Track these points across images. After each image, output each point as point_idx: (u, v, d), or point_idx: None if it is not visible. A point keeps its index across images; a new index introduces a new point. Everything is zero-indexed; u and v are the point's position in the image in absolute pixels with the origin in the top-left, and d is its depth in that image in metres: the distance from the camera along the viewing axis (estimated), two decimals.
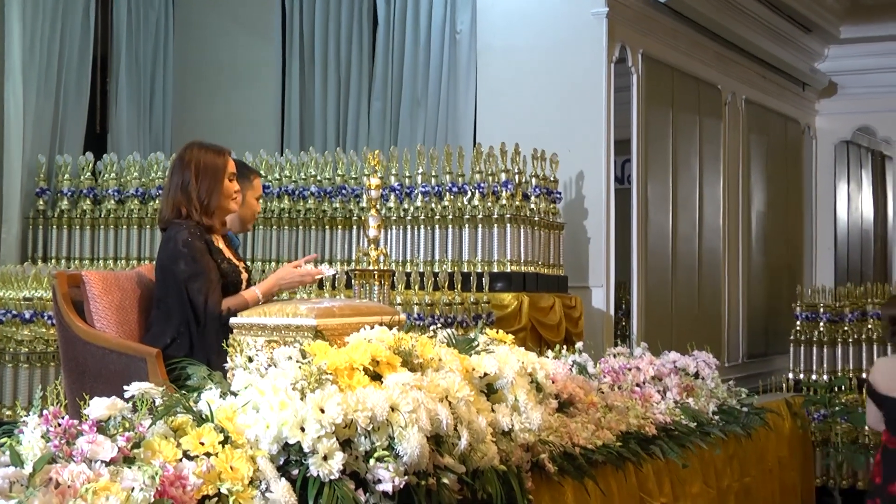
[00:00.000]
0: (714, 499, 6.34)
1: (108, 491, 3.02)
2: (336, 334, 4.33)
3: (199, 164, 5.03)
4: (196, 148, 5.12)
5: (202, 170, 5.02)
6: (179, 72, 10.60)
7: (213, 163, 5.06)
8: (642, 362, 6.63)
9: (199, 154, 5.07)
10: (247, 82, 10.64)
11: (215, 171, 5.05)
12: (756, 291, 11.56)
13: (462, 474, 3.95)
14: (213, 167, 5.05)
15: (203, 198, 4.99)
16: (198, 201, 4.98)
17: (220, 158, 5.09)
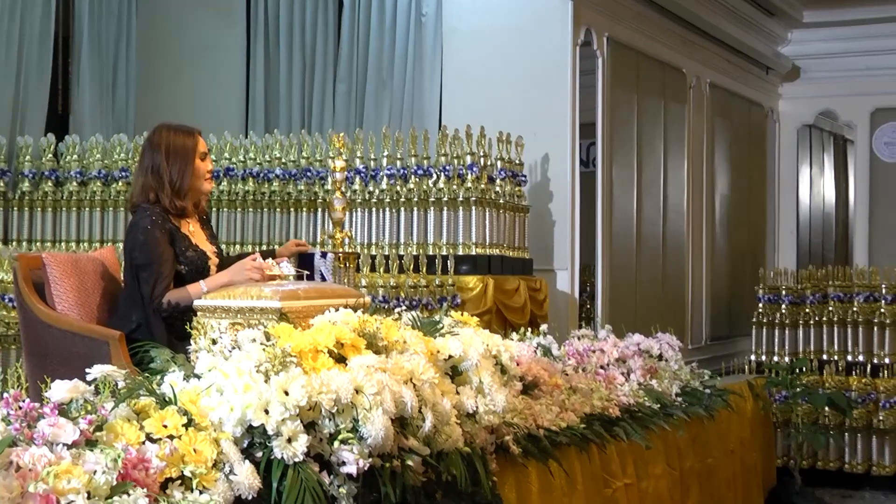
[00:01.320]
0: (677, 479, 6.37)
1: (69, 474, 3.00)
2: (300, 317, 4.32)
3: (170, 146, 5.01)
4: (165, 130, 5.09)
5: (172, 152, 4.99)
6: (143, 53, 10.52)
7: (182, 144, 5.03)
8: (606, 345, 6.66)
9: (169, 136, 5.04)
10: (211, 64, 10.57)
11: (185, 152, 5.02)
12: (719, 274, 11.61)
13: (426, 456, 3.95)
14: (184, 148, 5.02)
15: (175, 180, 4.96)
16: (169, 184, 4.96)
17: (190, 139, 5.06)
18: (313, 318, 4.21)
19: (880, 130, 12.83)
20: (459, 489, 4.15)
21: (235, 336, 3.91)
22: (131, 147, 8.64)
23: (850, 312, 9.88)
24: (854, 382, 9.63)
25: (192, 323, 4.48)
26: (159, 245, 4.86)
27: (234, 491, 3.31)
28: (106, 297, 5.16)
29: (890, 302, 9.84)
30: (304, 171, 8.40)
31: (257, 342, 3.82)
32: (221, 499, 3.24)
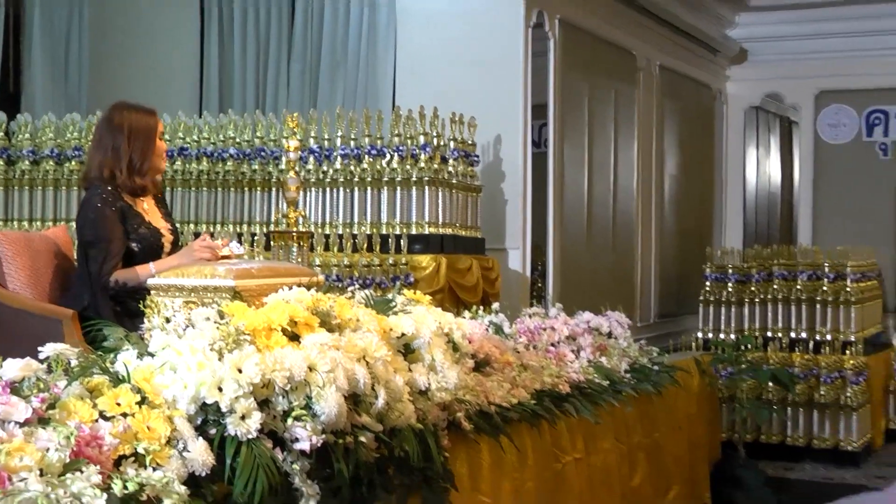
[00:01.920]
0: (625, 454, 6.41)
1: (22, 451, 2.98)
2: (254, 295, 4.31)
3: (132, 126, 4.99)
4: (126, 109, 5.06)
5: (135, 132, 4.98)
6: (96, 33, 10.40)
7: (145, 124, 5.02)
8: (557, 322, 6.67)
9: (131, 116, 5.02)
10: (165, 43, 10.49)
11: (148, 131, 5.01)
12: (668, 253, 11.68)
13: (379, 433, 3.95)
14: (146, 128, 5.01)
15: (136, 160, 4.95)
16: (130, 163, 4.93)
17: (152, 119, 5.06)
18: (267, 296, 4.19)
19: (824, 112, 12.94)
20: (412, 465, 4.15)
21: (189, 314, 3.90)
22: (84, 126, 8.55)
23: (793, 290, 9.98)
24: (797, 359, 9.74)
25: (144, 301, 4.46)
26: (109, 223, 4.84)
27: (188, 468, 3.30)
28: (58, 275, 5.13)
29: (832, 280, 9.94)
30: (259, 151, 8.35)
31: (211, 320, 3.81)
32: (175, 475, 3.23)
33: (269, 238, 5.98)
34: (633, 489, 6.49)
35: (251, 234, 8.00)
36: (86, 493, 2.96)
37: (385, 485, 4.04)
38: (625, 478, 6.40)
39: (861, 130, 12.77)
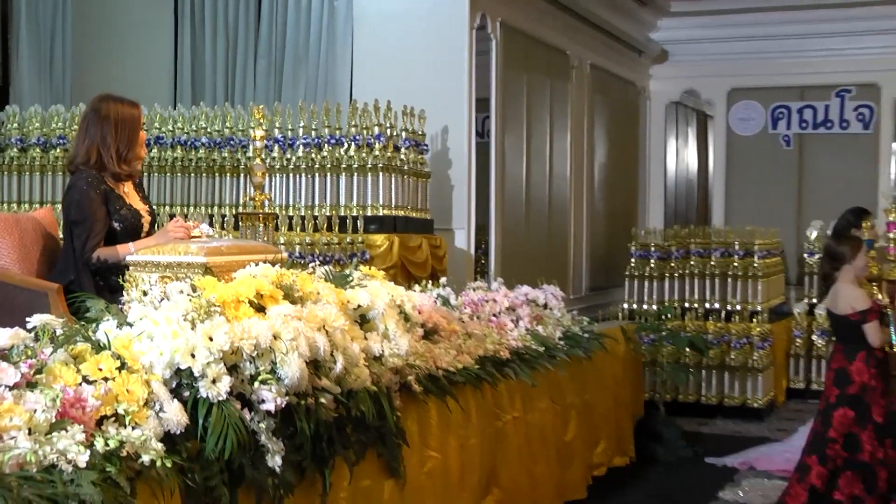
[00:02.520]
0: (559, 413, 6.45)
1: (11, 412, 2.97)
2: (224, 271, 4.29)
3: (118, 117, 4.94)
4: (112, 102, 5.01)
5: (121, 122, 4.93)
6: (79, 30, 10.26)
7: (130, 115, 4.97)
8: (498, 295, 6.69)
9: (117, 107, 4.97)
10: (142, 40, 10.39)
11: (133, 122, 4.97)
12: (597, 233, 11.73)
13: (338, 395, 3.95)
14: (131, 119, 4.97)
15: (122, 148, 4.90)
16: (116, 152, 4.88)
17: (136, 111, 5.03)
18: (235, 271, 4.18)
19: (735, 107, 13.03)
20: (367, 423, 4.16)
21: (164, 288, 3.88)
22: (68, 117, 8.45)
23: (708, 266, 10.07)
24: (711, 327, 9.85)
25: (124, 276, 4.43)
26: (93, 204, 4.80)
27: (164, 427, 3.29)
28: (45, 253, 5.09)
29: (742, 257, 10.04)
30: (228, 140, 8.30)
31: (184, 293, 3.79)
32: (152, 433, 3.21)
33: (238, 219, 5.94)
34: (565, 444, 6.53)
35: (221, 216, 7.99)
36: (71, 450, 2.95)
37: (343, 442, 4.04)
38: (559, 434, 6.44)
39: (767, 124, 12.88)
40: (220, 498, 3.40)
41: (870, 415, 6.19)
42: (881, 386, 6.22)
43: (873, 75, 12.37)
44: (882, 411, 6.21)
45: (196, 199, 8.24)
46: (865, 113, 12.53)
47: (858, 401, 6.22)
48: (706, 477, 7.53)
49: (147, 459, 3.14)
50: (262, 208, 5.74)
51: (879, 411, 6.20)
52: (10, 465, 2.80)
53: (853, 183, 12.22)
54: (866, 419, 6.19)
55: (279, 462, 3.59)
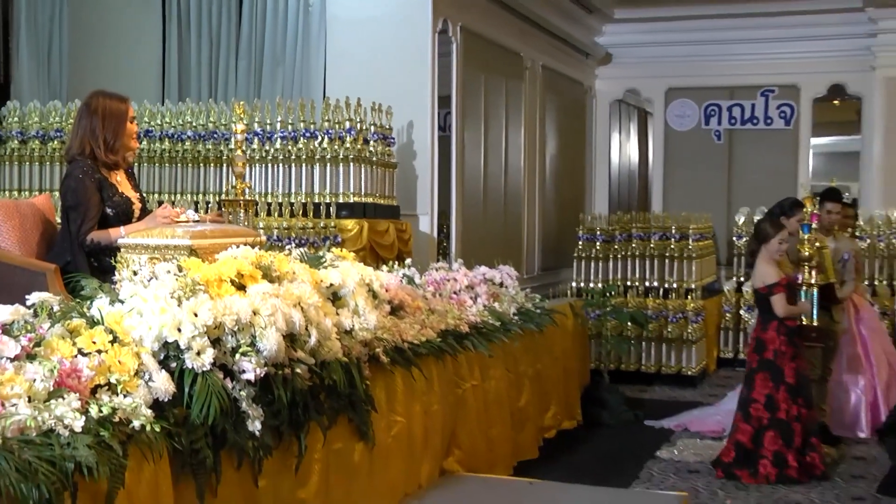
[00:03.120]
0: (513, 381, 6.47)
1: (12, 382, 2.96)
2: (208, 252, 4.27)
3: (106, 110, 4.90)
4: (101, 97, 4.98)
5: (108, 115, 4.89)
6: (74, 32, 10.15)
7: (117, 109, 4.93)
8: (458, 275, 6.70)
9: (105, 102, 4.93)
10: (133, 41, 10.31)
11: (119, 116, 4.92)
12: (548, 218, 11.76)
13: (312, 365, 3.95)
14: (118, 113, 4.92)
15: (109, 139, 4.86)
16: (103, 142, 4.84)
17: (123, 105, 4.97)
18: (218, 253, 4.16)
19: (672, 105, 13.08)
20: (339, 391, 4.16)
21: (153, 268, 3.85)
22: (65, 112, 8.39)
23: (647, 248, 10.13)
24: (650, 303, 9.91)
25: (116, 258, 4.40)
26: (88, 191, 4.76)
27: (153, 395, 3.29)
28: (44, 236, 5.05)
29: (678, 240, 10.11)
30: (212, 133, 8.25)
31: (171, 273, 3.78)
32: (142, 401, 3.21)
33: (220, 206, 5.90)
34: (519, 409, 6.56)
35: (206, 203, 7.96)
36: (67, 416, 2.94)
37: (317, 408, 4.04)
38: (513, 400, 6.46)
39: (700, 120, 12.93)
40: (204, 460, 3.40)
41: (783, 377, 6.33)
42: (790, 351, 6.35)
43: (794, 77, 12.49)
44: (794, 374, 6.34)
45: (182, 188, 8.20)
46: (787, 111, 12.63)
47: (772, 365, 6.37)
48: (645, 438, 7.58)
49: (138, 424, 3.13)
50: (242, 195, 5.70)
51: (791, 374, 6.33)
52: (11, 430, 2.79)
53: (776, 174, 12.33)
54: (780, 381, 6.33)
55: (258, 427, 3.59)
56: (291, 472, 3.94)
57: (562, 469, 6.50)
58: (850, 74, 12.24)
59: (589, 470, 6.57)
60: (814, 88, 12.49)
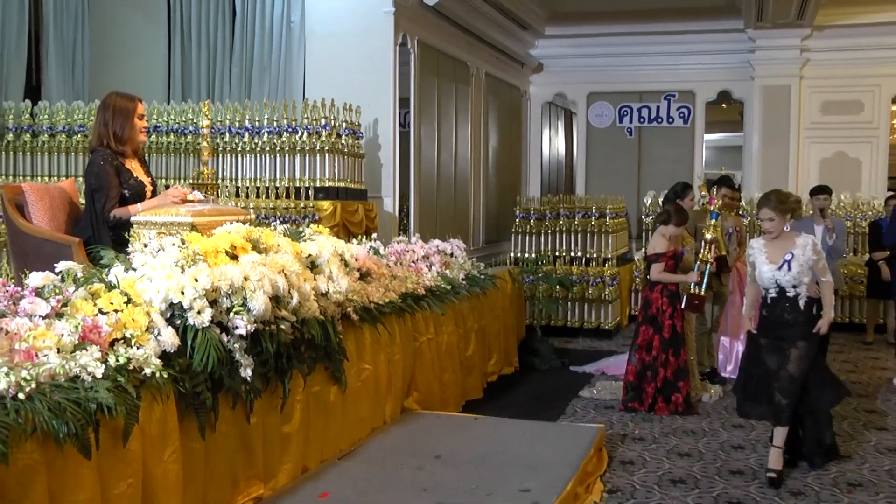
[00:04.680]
0: (462, 335, 6.52)
1: (44, 336, 2.96)
2: (206, 228, 4.26)
3: (116, 107, 4.83)
4: (115, 95, 4.91)
5: (117, 111, 4.82)
6: (94, 42, 9.98)
7: (125, 106, 4.85)
8: (416, 247, 6.72)
9: (116, 100, 4.86)
10: (143, 51, 10.16)
11: (127, 112, 4.84)
12: (491, 199, 11.79)
13: (294, 322, 3.96)
14: (125, 109, 4.85)
15: (118, 131, 4.79)
16: (113, 134, 4.78)
17: (132, 103, 4.89)
18: (215, 229, 4.14)
19: (593, 107, 13.15)
20: (317, 344, 4.18)
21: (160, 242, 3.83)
22: (87, 110, 8.28)
23: (573, 224, 10.19)
24: (574, 270, 9.98)
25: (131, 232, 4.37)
26: (109, 175, 4.71)
27: (161, 347, 3.29)
28: (70, 215, 5.00)
29: (597, 218, 10.18)
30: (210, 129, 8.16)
31: (176, 246, 3.76)
32: (152, 352, 3.21)
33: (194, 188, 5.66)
34: (467, 358, 6.61)
35: None
36: (90, 364, 2.95)
37: (298, 358, 4.06)
38: (462, 351, 6.51)
39: (616, 119, 13.02)
40: (205, 401, 3.41)
41: (661, 330, 6.52)
42: (669, 310, 6.46)
43: (690, 84, 12.65)
44: (669, 329, 6.46)
45: (185, 174, 8.12)
46: (685, 112, 12.77)
47: (654, 319, 6.52)
48: (570, 381, 7.66)
49: (149, 372, 3.14)
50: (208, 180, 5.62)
51: (667, 329, 6.46)
52: (43, 376, 2.79)
53: (676, 163, 12.50)
54: (658, 332, 6.53)
55: (249, 373, 3.60)
56: (277, 410, 3.96)
57: (502, 407, 6.56)
58: (735, 83, 12.44)
59: (524, 407, 6.63)
60: (706, 94, 12.66)
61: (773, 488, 4.79)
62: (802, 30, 11.64)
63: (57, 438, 2.67)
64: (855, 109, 11.97)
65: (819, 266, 5.06)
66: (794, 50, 11.88)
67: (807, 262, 5.00)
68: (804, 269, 5.00)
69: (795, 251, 5.02)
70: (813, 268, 5.04)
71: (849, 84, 11.90)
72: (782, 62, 11.92)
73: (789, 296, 5.05)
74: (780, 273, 5.04)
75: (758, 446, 5.59)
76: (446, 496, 4.01)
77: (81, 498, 2.76)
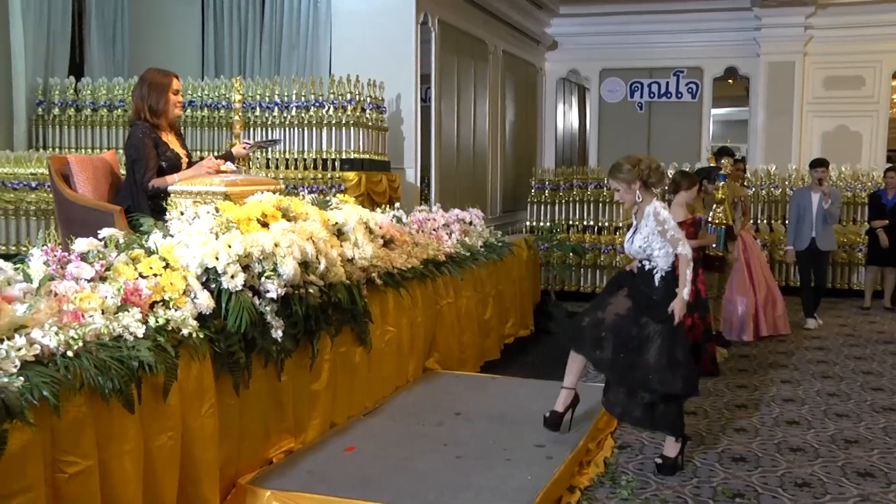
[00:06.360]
0: (480, 299, 6.52)
1: (89, 298, 2.98)
2: (239, 197, 4.26)
3: (152, 82, 4.80)
4: (151, 71, 4.89)
5: (153, 86, 4.79)
6: (134, 21, 9.98)
7: (160, 81, 4.82)
8: (437, 215, 6.70)
9: (152, 75, 4.84)
10: (178, 29, 10.16)
11: (161, 86, 4.81)
12: (508, 170, 11.74)
13: (321, 286, 3.97)
14: (160, 84, 4.81)
15: (153, 105, 4.76)
16: (149, 108, 4.76)
17: (166, 78, 4.85)
18: (247, 197, 4.14)
19: (605, 83, 13.03)
20: (343, 307, 4.19)
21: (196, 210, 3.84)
22: (126, 85, 8.30)
23: (585, 195, 10.14)
24: (587, 238, 9.95)
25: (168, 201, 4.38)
26: (147, 147, 4.70)
27: (198, 309, 3.30)
28: (112, 184, 5.01)
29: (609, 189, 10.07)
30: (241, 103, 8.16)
31: (210, 214, 3.76)
32: (189, 314, 3.22)
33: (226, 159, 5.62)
34: (485, 321, 6.62)
35: None
36: (132, 325, 2.97)
37: (326, 320, 4.07)
38: (480, 314, 6.52)
39: (627, 94, 12.91)
40: (238, 360, 3.43)
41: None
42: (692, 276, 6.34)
43: (698, 61, 12.52)
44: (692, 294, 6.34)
45: (218, 146, 8.12)
46: (693, 87, 12.64)
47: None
48: None
49: (186, 332, 3.16)
50: None
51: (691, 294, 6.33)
52: (89, 335, 2.81)
53: (685, 136, 12.42)
54: None
55: (280, 334, 3.62)
56: (307, 370, 3.98)
57: (518, 367, 6.56)
58: (741, 59, 12.28)
59: (539, 368, 6.62)
60: (713, 70, 12.52)
61: (547, 427, 4.28)
62: (807, 7, 11.46)
63: (103, 393, 2.70)
64: (856, 84, 11.80)
65: (669, 235, 4.20)
66: (799, 27, 11.70)
67: (651, 232, 4.22)
68: (650, 239, 4.22)
69: (642, 221, 4.29)
70: (666, 238, 4.21)
71: (851, 60, 11.72)
72: (787, 39, 11.75)
73: (646, 269, 4.32)
74: (628, 244, 4.35)
75: (760, 405, 5.58)
76: (465, 451, 4.03)
77: (126, 448, 2.80)
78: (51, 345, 2.66)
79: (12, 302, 2.75)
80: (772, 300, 8.00)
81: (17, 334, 2.62)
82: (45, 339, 2.66)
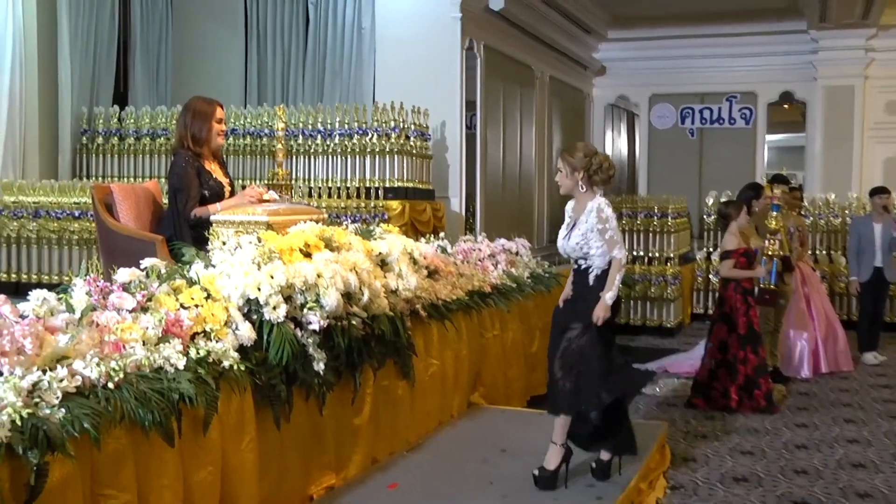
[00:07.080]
0: (527, 331, 6.46)
1: (131, 329, 3.00)
2: (281, 226, 4.29)
3: (196, 110, 4.88)
4: (195, 99, 4.97)
5: (197, 114, 4.86)
6: (176, 51, 10.21)
7: (204, 109, 4.90)
8: (482, 245, 6.68)
9: (197, 103, 4.92)
10: (222, 57, 10.34)
11: (205, 115, 4.89)
12: (554, 199, 11.68)
13: (365, 318, 3.96)
14: (204, 112, 4.89)
15: (196, 134, 4.83)
16: (192, 136, 4.83)
17: (210, 107, 4.92)
18: (289, 227, 4.17)
19: (655, 108, 12.97)
20: (386, 339, 4.17)
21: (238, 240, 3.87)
22: (169, 114, 8.46)
23: (635, 224, 10.07)
24: (637, 268, 9.86)
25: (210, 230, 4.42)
26: (189, 176, 4.77)
27: (239, 341, 3.31)
28: (154, 213, 5.08)
29: (659, 218, 10.04)
30: None
31: (252, 244, 3.79)
32: (230, 346, 3.24)
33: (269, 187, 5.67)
34: (531, 354, 6.55)
35: None
36: (172, 356, 2.98)
37: (369, 352, 4.06)
38: (526, 347, 6.46)
39: (677, 120, 12.84)
40: (279, 393, 3.43)
41: (735, 327, 6.32)
42: (744, 307, 6.30)
43: (752, 86, 12.41)
44: (745, 326, 6.30)
45: (260, 175, 8.22)
46: (747, 113, 12.53)
47: (728, 317, 6.34)
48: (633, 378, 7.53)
49: (227, 364, 3.17)
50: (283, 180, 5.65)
51: (742, 325, 6.30)
52: (130, 366, 2.83)
53: (738, 164, 12.28)
54: (732, 330, 6.34)
55: (322, 367, 3.62)
56: (348, 403, 3.97)
57: None
58: (797, 84, 12.15)
59: None
60: (768, 95, 12.40)
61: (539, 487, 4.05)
62: (867, 29, 11.31)
63: (143, 426, 2.71)
64: None
65: (608, 236, 4.10)
66: (859, 50, 11.54)
67: (590, 229, 4.12)
68: (588, 237, 4.12)
69: (581, 216, 4.18)
70: (604, 238, 4.11)
71: None
72: (846, 62, 11.59)
73: (581, 268, 4.21)
74: (563, 242, 4.23)
75: (822, 446, 5.43)
76: (511, 489, 3.98)
77: (165, 482, 2.81)
78: (92, 376, 2.69)
79: (55, 332, 2.79)
80: (833, 335, 7.83)
81: (59, 365, 2.65)
82: (87, 370, 2.69)
